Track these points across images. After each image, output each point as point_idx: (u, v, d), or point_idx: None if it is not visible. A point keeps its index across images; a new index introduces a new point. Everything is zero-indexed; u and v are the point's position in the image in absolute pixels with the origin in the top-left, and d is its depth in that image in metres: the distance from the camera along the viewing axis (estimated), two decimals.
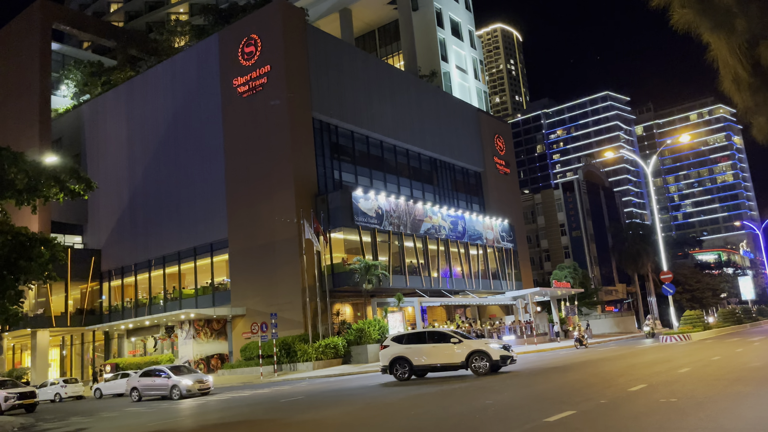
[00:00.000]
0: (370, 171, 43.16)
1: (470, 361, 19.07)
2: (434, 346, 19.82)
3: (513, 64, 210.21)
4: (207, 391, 24.38)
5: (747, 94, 7.15)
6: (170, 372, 24.63)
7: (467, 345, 19.44)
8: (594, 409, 10.17)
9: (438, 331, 21.58)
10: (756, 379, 12.56)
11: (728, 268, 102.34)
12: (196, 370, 28.72)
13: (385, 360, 20.43)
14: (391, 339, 21.09)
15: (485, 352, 19.04)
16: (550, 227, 77.78)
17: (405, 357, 19.99)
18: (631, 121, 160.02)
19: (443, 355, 19.56)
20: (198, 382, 24.22)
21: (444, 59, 61.14)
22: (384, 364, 20.56)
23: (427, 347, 19.90)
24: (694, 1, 6.26)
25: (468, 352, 19.16)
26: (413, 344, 20.20)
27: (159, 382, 24.70)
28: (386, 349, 20.60)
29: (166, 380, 24.43)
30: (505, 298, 47.99)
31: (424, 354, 19.83)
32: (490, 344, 19.60)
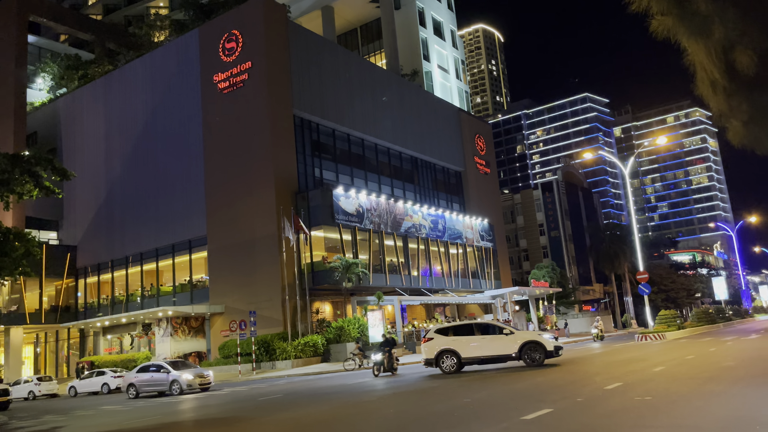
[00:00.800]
0: (351, 169, 43.12)
1: (524, 352, 19.03)
2: (484, 338, 19.72)
3: (494, 64, 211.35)
4: (208, 386, 23.89)
5: (722, 98, 7.29)
6: (169, 367, 23.97)
7: (520, 336, 19.57)
8: (570, 407, 10.29)
9: (487, 322, 21.56)
10: (728, 379, 12.81)
11: (702, 269, 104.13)
12: (195, 364, 28.14)
13: (430, 353, 19.97)
14: (434, 331, 20.66)
15: (540, 343, 19.11)
16: (529, 227, 78.43)
17: (452, 349, 19.67)
18: (610, 122, 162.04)
19: (494, 347, 19.42)
20: (199, 376, 23.64)
21: (426, 58, 61.29)
22: (428, 356, 20.10)
23: (476, 339, 19.74)
24: (673, 7, 6.36)
25: (522, 343, 19.13)
26: (461, 336, 19.97)
27: (158, 378, 23.96)
28: (430, 342, 20.17)
29: (165, 375, 23.73)
30: (484, 297, 48.31)
31: (474, 346, 19.59)
32: (543, 335, 19.84)
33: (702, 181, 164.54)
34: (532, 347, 18.98)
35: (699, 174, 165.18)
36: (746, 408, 9.01)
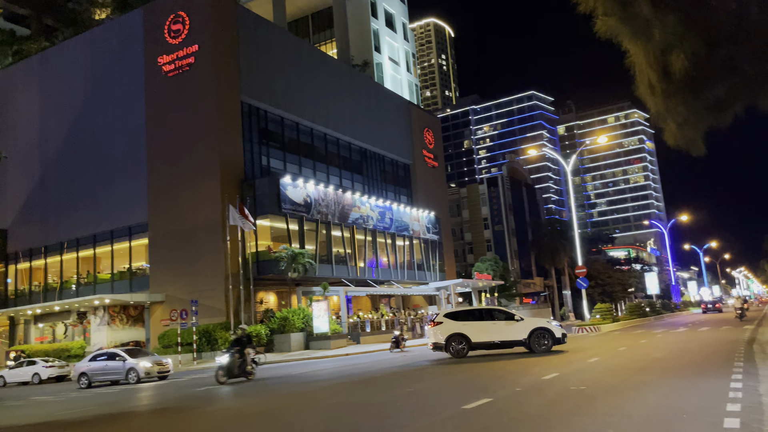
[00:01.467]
0: (300, 158, 42.71)
1: (532, 338, 19.32)
2: (494, 324, 19.89)
3: (444, 59, 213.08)
4: (167, 374, 23.19)
5: (660, 100, 7.59)
6: (125, 354, 23.09)
7: (530, 323, 19.87)
8: (510, 396, 10.56)
9: (498, 308, 21.68)
10: (658, 369, 13.43)
11: (636, 265, 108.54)
12: (152, 352, 27.23)
13: (440, 337, 19.91)
14: (444, 316, 20.70)
15: (549, 330, 19.43)
16: (474, 221, 79.77)
17: (463, 334, 19.76)
18: (554, 120, 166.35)
19: (505, 332, 19.63)
20: (157, 364, 22.92)
21: (377, 50, 61.23)
22: (436, 341, 20.05)
23: (487, 324, 19.92)
24: (616, 8, 6.56)
25: (531, 330, 19.43)
26: (471, 321, 20.13)
27: (113, 366, 23.01)
28: (440, 326, 20.14)
29: (120, 363, 22.83)
30: (428, 288, 48.89)
31: (483, 331, 19.76)
32: (552, 322, 20.14)
33: (638, 180, 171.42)
34: (541, 333, 19.39)
35: (636, 173, 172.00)
36: (674, 397, 9.46)
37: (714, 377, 11.25)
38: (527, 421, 8.31)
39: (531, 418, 8.50)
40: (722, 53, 7.61)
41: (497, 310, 20.95)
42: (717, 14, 7.10)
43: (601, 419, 7.98)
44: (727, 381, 10.49)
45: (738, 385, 9.99)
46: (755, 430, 6.71)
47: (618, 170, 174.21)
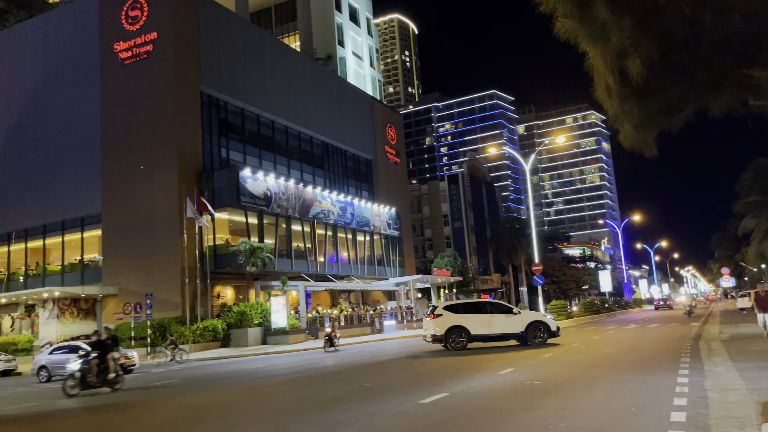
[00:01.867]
0: (260, 151, 42.21)
1: (529, 331, 19.76)
2: (493, 316, 20.15)
3: (408, 55, 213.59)
4: (132, 367, 22.53)
5: (616, 103, 7.78)
6: (88, 347, 22.35)
7: (527, 316, 20.35)
8: (465, 391, 10.68)
9: (498, 302, 21.85)
10: (608, 364, 13.80)
11: (591, 263, 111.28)
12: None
13: (440, 329, 19.94)
14: (443, 308, 20.61)
15: (545, 323, 20.03)
16: (434, 217, 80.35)
17: (463, 326, 19.86)
18: (515, 120, 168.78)
19: (503, 325, 19.94)
20: (123, 357, 22.32)
21: (340, 44, 60.91)
22: (435, 333, 20.06)
23: (486, 317, 20.14)
24: (575, 11, 6.69)
25: (528, 323, 19.90)
26: (470, 314, 20.23)
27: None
28: (439, 318, 20.13)
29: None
30: (388, 284, 49.06)
31: (483, 323, 19.96)
32: (547, 316, 20.72)
33: (594, 181, 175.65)
34: (537, 327, 19.94)
35: (592, 173, 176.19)
36: (624, 391, 9.74)
37: (662, 372, 11.62)
38: (482, 414, 8.42)
39: (486, 411, 8.62)
40: (675, 58, 7.84)
41: (496, 303, 21.43)
42: (671, 20, 7.31)
43: (553, 413, 8.15)
44: (675, 376, 10.85)
45: (685, 380, 10.34)
46: (700, 423, 6.96)
47: (575, 170, 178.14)
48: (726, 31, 7.40)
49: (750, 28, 7.15)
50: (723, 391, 8.95)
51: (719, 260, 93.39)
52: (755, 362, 12.02)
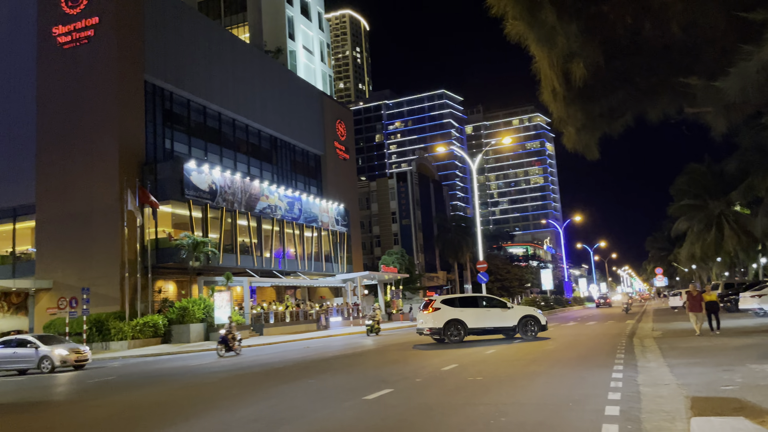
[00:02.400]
0: (206, 143, 41.30)
1: (522, 324, 20.51)
2: (489, 310, 20.76)
3: (359, 52, 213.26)
4: (84, 362, 21.63)
5: (561, 106, 7.99)
6: (38, 341, 21.34)
7: (519, 311, 21.13)
8: (410, 387, 10.78)
9: (491, 296, 22.52)
10: (548, 360, 14.19)
11: (534, 261, 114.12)
12: (69, 339, 25.15)
13: (438, 322, 20.33)
14: (441, 302, 21.05)
15: (536, 318, 20.76)
16: (382, 214, 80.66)
17: (460, 320, 20.34)
18: (463, 120, 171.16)
19: (498, 319, 20.56)
20: (74, 352, 21.27)
21: (291, 37, 60.25)
22: (434, 326, 20.43)
23: (482, 311, 20.76)
24: (525, 14, 6.83)
25: (520, 317, 20.63)
26: (467, 308, 20.78)
27: (23, 354, 21.18)
28: (437, 312, 20.52)
29: (32, 351, 21.05)
30: (335, 280, 48.94)
31: (479, 317, 20.55)
32: (537, 311, 21.29)
33: (538, 181, 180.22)
34: (528, 321, 20.66)
35: (536, 174, 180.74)
36: (563, 387, 10.03)
37: (598, 368, 12.03)
38: (425, 410, 8.51)
39: (429, 407, 8.71)
40: (617, 65, 8.11)
41: (491, 298, 22.03)
42: (614, 28, 7.56)
43: (494, 408, 8.31)
44: (610, 371, 11.25)
45: (619, 375, 10.73)
46: (633, 417, 7.24)
47: (520, 171, 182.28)
48: (665, 41, 7.71)
49: (687, 38, 7.46)
50: (654, 386, 9.33)
51: (653, 260, 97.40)
52: (685, 358, 12.59)
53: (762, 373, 9.80)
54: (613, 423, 6.88)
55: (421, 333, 21.25)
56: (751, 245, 44.53)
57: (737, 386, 8.77)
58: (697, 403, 7.73)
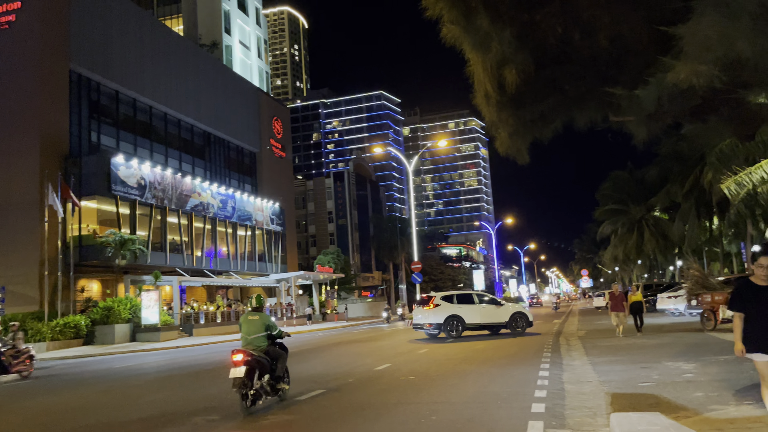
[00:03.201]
0: (136, 137, 39.79)
1: (512, 320, 21.62)
2: (484, 307, 21.83)
3: (297, 49, 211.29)
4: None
5: (494, 110, 8.17)
6: None
7: (511, 308, 22.19)
8: (342, 387, 10.75)
9: (485, 293, 23.78)
10: (479, 359, 14.49)
11: (466, 262, 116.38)
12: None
13: (439, 318, 21.30)
14: (441, 298, 21.99)
15: (525, 314, 21.91)
16: (318, 214, 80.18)
17: (459, 315, 21.37)
18: (400, 121, 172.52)
19: (492, 315, 21.62)
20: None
21: (227, 32, 58.96)
22: (435, 321, 21.36)
23: (478, 307, 21.79)
24: (460, 18, 6.94)
25: (511, 314, 21.76)
26: (464, 304, 21.78)
27: None
28: (437, 308, 21.52)
29: None
30: (269, 280, 48.22)
31: (476, 313, 21.59)
32: (526, 308, 22.60)
33: (472, 184, 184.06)
34: (519, 317, 21.78)
35: (470, 177, 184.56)
36: (492, 385, 10.26)
37: (526, 366, 12.38)
38: (357, 410, 8.50)
39: (361, 407, 8.72)
40: (548, 72, 8.37)
41: (485, 295, 23.14)
42: (545, 37, 7.80)
43: (425, 407, 8.40)
44: (537, 370, 11.60)
45: (545, 373, 11.09)
46: (557, 413, 7.48)
47: (455, 173, 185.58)
48: (592, 51, 8.02)
49: (613, 49, 7.79)
50: (578, 384, 9.70)
51: (580, 262, 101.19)
52: (607, 356, 13.15)
53: (677, 370, 10.36)
54: (538, 420, 7.09)
55: (419, 328, 22.23)
56: (669, 248, 47.09)
57: (654, 383, 9.23)
58: (617, 399, 8.09)
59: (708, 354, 12.25)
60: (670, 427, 5.46)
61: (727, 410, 6.90)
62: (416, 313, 22.71)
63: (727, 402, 7.39)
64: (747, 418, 6.41)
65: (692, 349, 13.36)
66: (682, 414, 6.81)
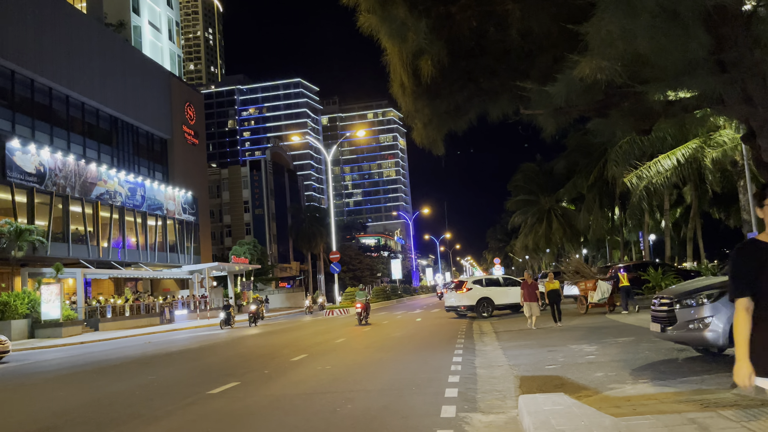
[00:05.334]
0: (33, 121, 37.13)
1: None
2: (509, 289, 23.52)
3: (211, 33, 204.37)
4: (4, 354, 18.57)
5: (410, 100, 8.23)
6: None
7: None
8: (257, 379, 10.57)
9: (508, 276, 25.65)
10: (395, 347, 14.68)
11: (384, 252, 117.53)
12: None
13: (472, 300, 23.30)
14: (472, 282, 24.41)
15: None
16: (234, 203, 78.25)
17: (489, 297, 23.34)
18: (319, 110, 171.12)
19: (515, 296, 22.32)
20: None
21: (135, 12, 56.12)
22: (468, 303, 23.41)
23: (503, 290, 23.66)
24: (377, 7, 6.92)
25: None
26: (492, 287, 23.87)
27: None
28: (470, 291, 23.62)
29: None
30: (181, 272, 46.63)
31: (503, 295, 23.43)
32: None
33: (390, 174, 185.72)
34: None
35: (389, 168, 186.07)
36: (408, 372, 10.41)
37: (441, 352, 12.67)
38: (272, 401, 8.39)
39: (276, 398, 8.60)
40: (463, 64, 8.52)
41: (510, 278, 25.07)
42: (461, 29, 7.93)
43: (341, 395, 8.41)
44: (451, 356, 11.90)
45: (459, 359, 11.39)
46: (469, 397, 7.70)
47: (374, 164, 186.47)
48: (505, 45, 8.24)
49: (525, 44, 8.03)
50: (489, 368, 10.03)
51: (493, 251, 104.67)
52: (516, 341, 13.69)
53: (580, 353, 10.93)
54: (451, 404, 7.26)
55: (452, 310, 24.59)
56: (575, 237, 49.61)
57: (559, 365, 9.70)
58: (526, 381, 8.43)
59: (608, 336, 13.01)
60: (573, 406, 5.75)
61: (624, 389, 7.34)
62: (449, 296, 25.22)
63: (624, 381, 7.88)
64: (642, 395, 6.85)
65: (594, 332, 14.14)
66: (584, 393, 7.19)
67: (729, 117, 13.06)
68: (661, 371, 8.34)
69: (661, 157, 24.66)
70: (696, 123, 10.81)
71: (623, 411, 5.95)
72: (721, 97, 6.88)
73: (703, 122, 11.01)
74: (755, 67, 6.37)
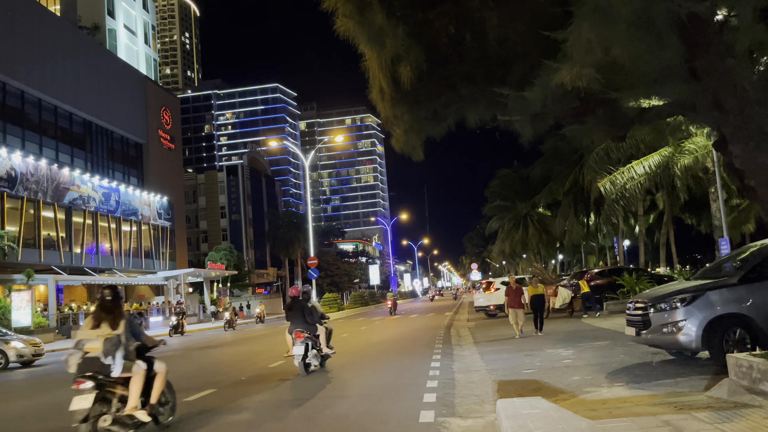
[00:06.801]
0: (5, 124, 36.41)
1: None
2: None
3: (188, 37, 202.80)
4: (40, 356, 18.86)
5: (389, 106, 8.22)
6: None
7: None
8: (233, 385, 10.46)
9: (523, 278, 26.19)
10: (374, 353, 14.65)
11: (363, 257, 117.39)
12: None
13: (500, 300, 22.59)
14: (500, 282, 24.94)
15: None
16: (210, 209, 77.51)
17: None
18: (297, 116, 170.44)
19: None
20: (32, 344, 18.49)
21: (111, 15, 55.42)
22: (496, 303, 23.95)
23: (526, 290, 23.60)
24: (355, 12, 6.92)
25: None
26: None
27: None
28: (498, 292, 24.16)
29: None
30: (156, 278, 46.00)
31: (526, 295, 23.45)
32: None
33: (369, 180, 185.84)
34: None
35: (367, 173, 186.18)
36: (386, 377, 10.39)
37: (419, 358, 12.67)
38: (248, 409, 8.30)
39: (254, 405, 8.51)
40: (441, 71, 8.56)
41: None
42: (439, 35, 7.97)
43: (319, 402, 8.36)
44: (429, 361, 11.90)
45: (437, 364, 11.40)
46: (448, 402, 7.71)
47: (352, 169, 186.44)
48: (483, 52, 8.29)
49: (501, 51, 8.10)
50: (467, 373, 10.06)
51: (470, 256, 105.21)
52: (494, 346, 13.75)
53: (557, 357, 11.02)
54: (430, 409, 7.26)
55: (481, 309, 25.46)
56: (551, 243, 50.09)
57: (536, 369, 9.76)
58: (503, 386, 8.47)
59: (584, 341, 13.14)
60: (550, 410, 5.78)
61: (600, 392, 7.42)
62: (478, 297, 26.00)
63: (600, 384, 7.96)
64: (618, 398, 6.93)
65: (571, 337, 14.27)
66: (561, 397, 7.25)
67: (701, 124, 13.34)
68: (636, 374, 8.45)
69: (634, 163, 25.09)
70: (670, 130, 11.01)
71: (599, 414, 6.01)
72: (694, 105, 7.01)
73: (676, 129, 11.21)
74: (727, 75, 6.51)
